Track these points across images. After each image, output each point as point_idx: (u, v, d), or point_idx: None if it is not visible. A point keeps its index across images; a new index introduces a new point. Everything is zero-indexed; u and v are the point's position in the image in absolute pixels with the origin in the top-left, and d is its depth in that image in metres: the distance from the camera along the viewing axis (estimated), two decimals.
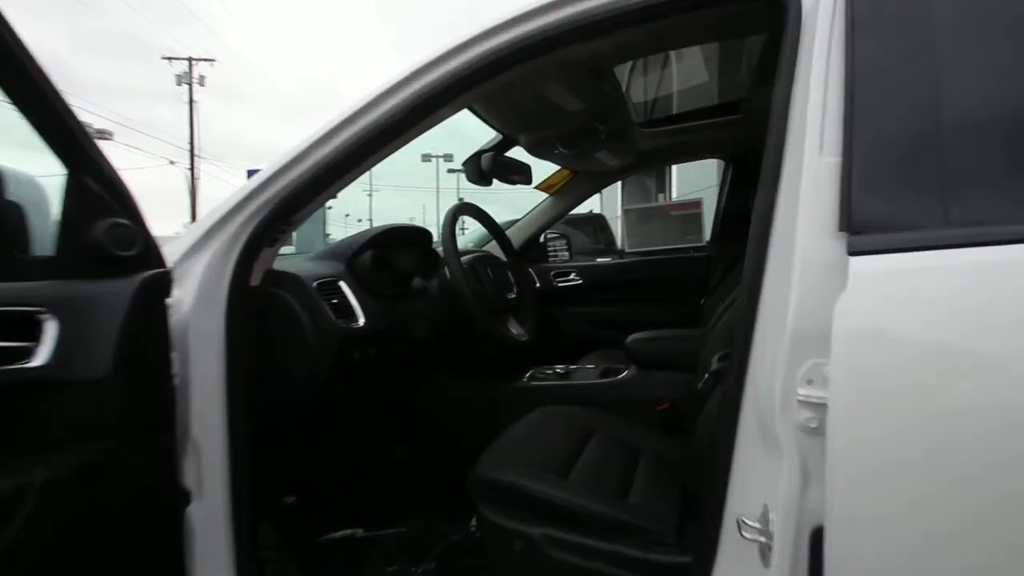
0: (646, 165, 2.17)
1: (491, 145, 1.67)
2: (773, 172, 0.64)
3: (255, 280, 0.93)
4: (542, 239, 2.53)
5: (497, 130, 1.61)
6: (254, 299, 0.92)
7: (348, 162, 0.85)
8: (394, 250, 1.40)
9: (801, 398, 0.54)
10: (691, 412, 1.14)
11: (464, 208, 1.65)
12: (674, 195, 7.48)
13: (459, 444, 1.53)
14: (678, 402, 1.39)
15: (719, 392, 0.82)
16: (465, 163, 1.70)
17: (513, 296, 1.53)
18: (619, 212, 9.01)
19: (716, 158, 2.15)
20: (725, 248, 2.11)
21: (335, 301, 1.15)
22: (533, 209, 2.37)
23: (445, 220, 1.44)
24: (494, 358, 1.73)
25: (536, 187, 2.25)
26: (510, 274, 1.64)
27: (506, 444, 1.10)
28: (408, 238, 1.51)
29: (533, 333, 1.53)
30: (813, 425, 0.54)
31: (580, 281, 2.37)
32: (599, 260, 2.44)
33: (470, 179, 1.69)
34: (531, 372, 1.63)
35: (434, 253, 1.60)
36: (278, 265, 1.06)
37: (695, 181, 4.36)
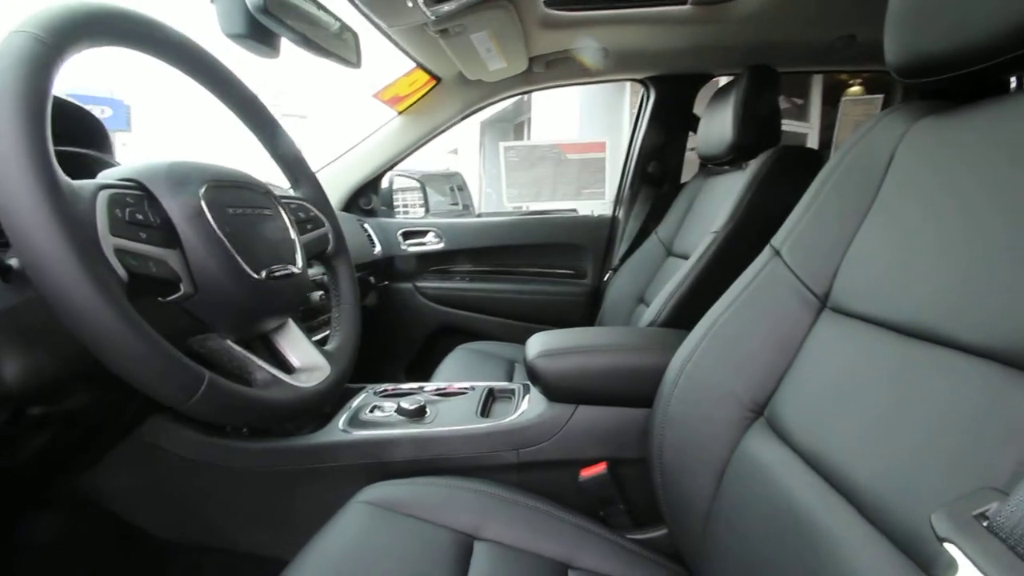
0: (533, 85, 1.52)
1: None
2: None
3: None
4: (387, 183, 1.76)
5: None
6: None
7: None
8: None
9: None
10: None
11: None
12: None
13: None
14: (617, 462, 0.80)
15: None
16: None
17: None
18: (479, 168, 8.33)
19: (635, 79, 1.57)
20: (637, 208, 1.58)
21: None
22: (365, 139, 1.58)
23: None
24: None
25: (377, 96, 1.47)
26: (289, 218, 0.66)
27: None
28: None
29: (342, 373, 0.68)
30: None
31: (441, 245, 1.68)
32: (469, 218, 1.75)
33: None
34: (357, 403, 0.89)
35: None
36: None
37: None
